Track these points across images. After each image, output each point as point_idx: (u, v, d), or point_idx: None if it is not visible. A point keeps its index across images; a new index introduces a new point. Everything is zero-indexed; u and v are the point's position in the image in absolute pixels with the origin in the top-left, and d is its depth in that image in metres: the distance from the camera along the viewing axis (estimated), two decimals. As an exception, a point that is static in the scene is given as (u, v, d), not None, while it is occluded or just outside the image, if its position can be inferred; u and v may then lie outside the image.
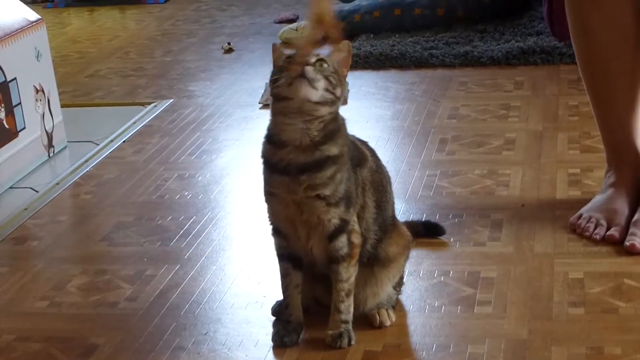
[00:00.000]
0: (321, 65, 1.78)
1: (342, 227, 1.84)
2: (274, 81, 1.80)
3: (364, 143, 1.96)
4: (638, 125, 2.33)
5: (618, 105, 2.31)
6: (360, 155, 1.90)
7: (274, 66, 1.83)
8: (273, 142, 1.82)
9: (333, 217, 1.83)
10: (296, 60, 1.78)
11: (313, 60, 1.77)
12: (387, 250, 1.93)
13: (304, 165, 1.79)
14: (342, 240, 1.85)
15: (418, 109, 3.23)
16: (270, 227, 1.91)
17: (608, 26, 2.25)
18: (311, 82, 1.76)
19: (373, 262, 1.92)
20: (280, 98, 1.79)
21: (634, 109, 2.31)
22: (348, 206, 1.84)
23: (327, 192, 1.81)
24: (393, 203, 2.00)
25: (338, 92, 1.80)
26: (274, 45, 1.86)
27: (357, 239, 1.87)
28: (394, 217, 2.00)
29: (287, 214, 1.84)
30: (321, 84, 1.77)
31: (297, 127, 1.79)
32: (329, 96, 1.78)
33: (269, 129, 1.84)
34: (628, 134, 2.32)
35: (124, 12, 5.18)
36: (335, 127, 1.82)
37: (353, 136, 1.91)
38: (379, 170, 1.95)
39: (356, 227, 1.87)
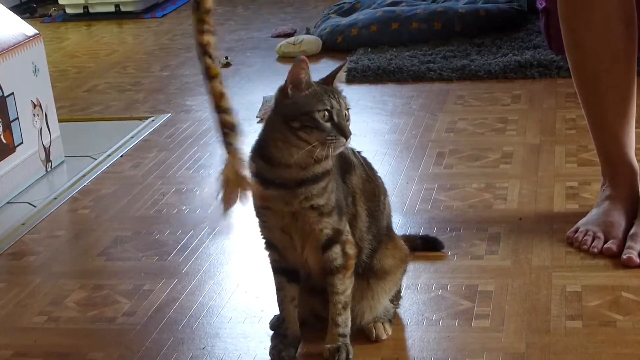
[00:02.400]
0: (348, 118, 1.81)
1: (335, 238, 1.84)
2: (303, 127, 1.77)
3: (355, 152, 1.95)
4: (632, 138, 2.34)
5: (610, 119, 2.32)
6: (347, 163, 1.90)
7: (293, 84, 1.79)
8: (272, 162, 1.81)
9: (325, 227, 1.83)
10: (335, 121, 1.78)
11: (348, 119, 1.80)
12: (383, 262, 1.94)
13: (302, 180, 1.80)
14: (336, 251, 1.85)
15: (416, 122, 3.24)
16: (263, 241, 1.91)
17: (598, 40, 2.26)
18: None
19: (368, 273, 1.92)
20: (301, 140, 1.78)
21: (627, 122, 2.31)
22: (340, 215, 1.84)
23: (321, 202, 1.81)
24: (389, 215, 2.00)
25: None
26: (303, 62, 1.78)
27: (351, 250, 1.87)
28: (389, 228, 2.00)
29: (283, 225, 1.85)
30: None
31: (303, 153, 1.78)
32: None
33: (263, 148, 1.82)
34: (621, 146, 2.33)
35: (122, 26, 5.19)
36: None
37: None
38: (370, 179, 1.95)
39: (350, 237, 1.87)
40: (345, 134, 1.77)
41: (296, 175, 1.80)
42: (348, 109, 1.81)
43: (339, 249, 1.85)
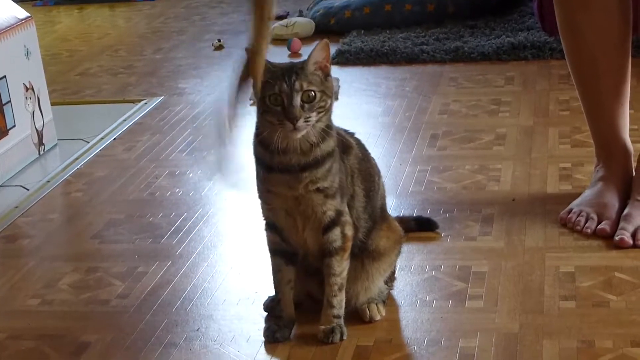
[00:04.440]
0: (308, 97, 1.77)
1: (337, 220, 1.85)
2: (263, 111, 1.78)
3: (350, 133, 1.95)
4: (626, 120, 2.34)
5: (605, 102, 2.32)
6: (345, 143, 1.90)
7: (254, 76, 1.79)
8: (269, 149, 1.81)
9: (329, 209, 1.84)
10: (284, 104, 1.76)
11: (299, 101, 1.76)
12: (378, 243, 1.94)
13: (306, 165, 1.80)
14: (336, 233, 1.85)
15: (409, 104, 3.24)
16: (264, 222, 1.91)
17: (595, 24, 2.26)
18: (304, 130, 1.77)
19: (363, 254, 1.93)
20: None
21: (622, 105, 2.32)
22: (342, 197, 1.85)
23: (325, 184, 1.82)
24: (383, 196, 2.00)
25: (328, 102, 1.80)
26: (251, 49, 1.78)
27: (349, 231, 1.87)
28: (384, 210, 2.00)
29: (286, 208, 1.85)
30: (313, 118, 1.77)
31: (296, 138, 1.79)
32: (322, 116, 1.79)
33: (261, 134, 1.81)
34: (616, 129, 2.33)
35: (114, 10, 5.17)
36: (327, 122, 1.83)
37: (337, 127, 1.91)
38: (366, 159, 1.95)
39: (349, 218, 1.87)
40: (289, 119, 1.75)
41: (297, 161, 1.80)
42: (310, 90, 1.77)
43: (339, 230, 1.86)
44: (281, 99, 1.76)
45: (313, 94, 1.77)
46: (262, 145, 1.82)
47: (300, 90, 1.76)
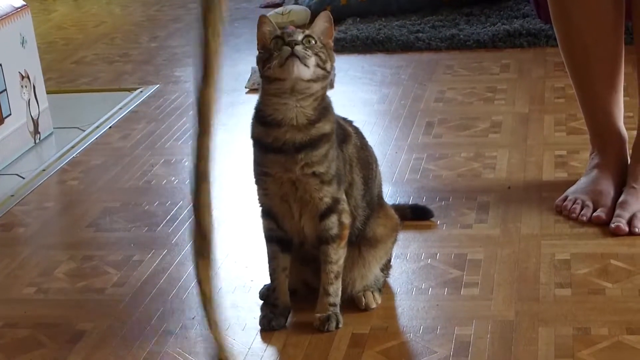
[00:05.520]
0: (309, 42, 1.79)
1: (333, 207, 1.85)
2: (264, 63, 1.80)
3: (348, 121, 1.96)
4: (620, 107, 2.34)
5: (599, 90, 2.32)
6: (344, 132, 1.91)
7: (259, 42, 1.82)
8: (267, 123, 1.82)
9: (325, 195, 1.84)
10: (285, 40, 1.78)
11: (300, 37, 1.78)
12: (375, 230, 1.94)
13: (301, 144, 1.80)
14: (333, 220, 1.86)
15: (404, 92, 3.24)
16: (260, 209, 1.91)
17: (587, 12, 2.25)
18: (302, 60, 1.77)
19: (360, 241, 1.93)
20: (272, 79, 1.79)
21: (615, 92, 2.32)
22: (339, 184, 1.85)
23: (322, 169, 1.82)
24: (380, 183, 2.00)
25: (328, 66, 1.81)
26: (262, 17, 1.83)
27: (347, 220, 1.87)
28: (381, 197, 2.00)
29: (282, 193, 1.85)
30: (312, 60, 1.78)
31: (292, 107, 1.80)
32: (320, 72, 1.80)
33: (260, 110, 1.84)
34: (610, 116, 2.33)
35: (110, -2, 5.17)
36: (326, 104, 1.84)
37: (336, 115, 1.91)
38: (364, 147, 1.96)
39: (346, 206, 1.87)
40: (288, 43, 1.77)
41: (292, 137, 1.80)
42: (309, 36, 1.80)
43: (336, 218, 1.86)
44: (282, 40, 1.79)
45: (314, 41, 1.80)
46: (260, 121, 1.83)
47: (302, 33, 1.80)
